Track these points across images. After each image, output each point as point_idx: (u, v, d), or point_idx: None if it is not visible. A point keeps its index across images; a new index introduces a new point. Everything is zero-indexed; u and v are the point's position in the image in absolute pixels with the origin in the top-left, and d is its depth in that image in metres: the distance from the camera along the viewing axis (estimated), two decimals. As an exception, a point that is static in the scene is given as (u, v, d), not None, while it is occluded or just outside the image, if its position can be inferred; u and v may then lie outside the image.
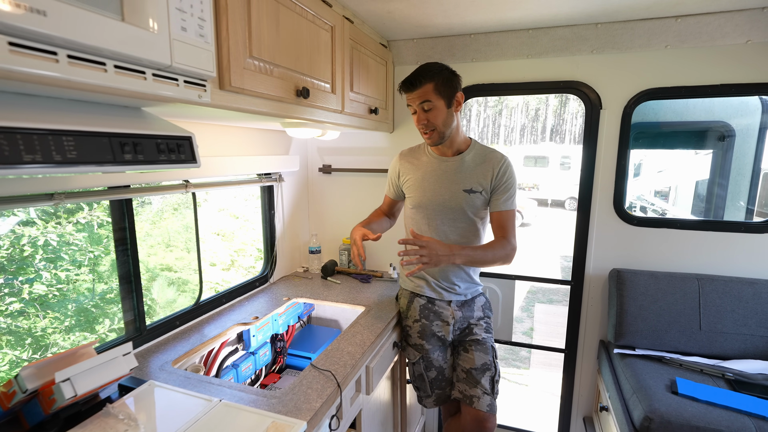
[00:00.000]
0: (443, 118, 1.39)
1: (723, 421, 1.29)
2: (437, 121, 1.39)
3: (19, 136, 0.60)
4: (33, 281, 2.02)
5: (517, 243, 1.46)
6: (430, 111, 1.38)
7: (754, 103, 2.37)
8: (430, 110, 1.38)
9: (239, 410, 0.96)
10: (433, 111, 1.38)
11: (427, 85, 1.36)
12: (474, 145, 1.53)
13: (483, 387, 1.47)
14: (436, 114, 1.38)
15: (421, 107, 1.38)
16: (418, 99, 1.38)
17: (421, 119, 1.40)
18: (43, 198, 1.03)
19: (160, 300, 2.88)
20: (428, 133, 1.42)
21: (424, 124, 1.40)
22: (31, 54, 0.56)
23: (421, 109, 1.39)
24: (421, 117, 1.40)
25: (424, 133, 1.43)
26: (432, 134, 1.42)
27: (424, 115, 1.39)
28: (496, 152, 1.51)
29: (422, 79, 1.36)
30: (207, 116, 1.26)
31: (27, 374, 0.85)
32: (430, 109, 1.38)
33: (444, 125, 1.40)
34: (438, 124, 1.39)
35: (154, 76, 0.74)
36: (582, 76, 1.80)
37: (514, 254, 1.45)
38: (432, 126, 1.40)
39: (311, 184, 2.29)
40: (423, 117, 1.39)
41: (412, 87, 1.38)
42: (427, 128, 1.41)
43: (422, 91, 1.36)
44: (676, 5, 1.48)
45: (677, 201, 5.54)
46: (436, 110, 1.38)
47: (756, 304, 1.64)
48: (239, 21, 0.95)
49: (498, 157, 1.49)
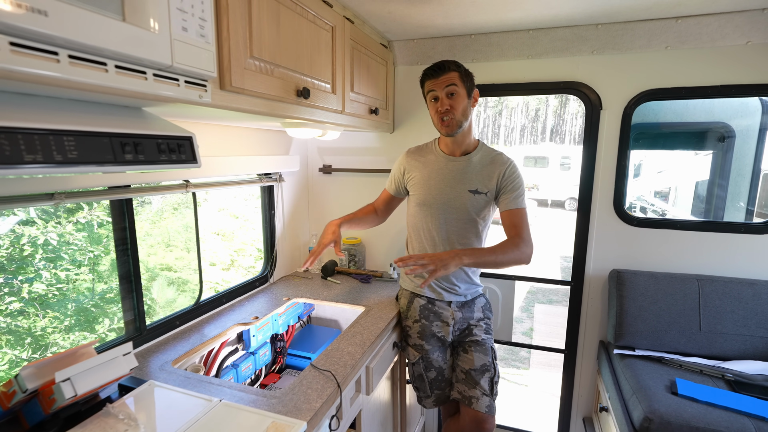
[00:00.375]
0: (464, 107, 1.41)
1: (723, 422, 1.29)
2: (458, 108, 1.40)
3: (20, 136, 0.60)
4: (33, 281, 2.02)
5: (532, 242, 1.42)
6: (453, 97, 1.39)
7: (754, 104, 2.37)
8: (454, 96, 1.39)
9: (239, 410, 0.96)
10: (456, 98, 1.39)
11: (454, 72, 1.39)
12: (481, 146, 1.53)
13: (482, 388, 1.47)
14: (458, 101, 1.40)
15: (446, 92, 1.39)
16: (444, 83, 1.39)
17: (444, 104, 1.40)
18: (43, 198, 1.03)
19: (159, 300, 2.88)
20: (446, 121, 1.41)
21: (446, 110, 1.40)
22: (32, 54, 0.56)
23: (446, 95, 1.39)
24: (444, 102, 1.40)
25: (442, 120, 1.41)
26: (451, 122, 1.41)
27: (448, 101, 1.39)
28: (502, 155, 1.52)
29: (449, 65, 1.39)
30: (208, 116, 1.26)
31: (27, 374, 0.85)
32: (453, 94, 1.39)
33: (463, 115, 1.41)
34: (458, 111, 1.40)
35: (155, 76, 0.74)
36: (582, 77, 1.80)
37: (531, 253, 1.40)
38: (452, 113, 1.40)
39: (311, 184, 2.29)
40: (447, 102, 1.39)
41: (441, 71, 1.39)
42: (447, 114, 1.40)
43: (449, 76, 1.39)
44: (677, 6, 1.49)
45: (677, 202, 5.54)
46: (459, 97, 1.39)
47: (756, 305, 1.64)
48: (240, 21, 0.95)
49: (504, 159, 1.50)
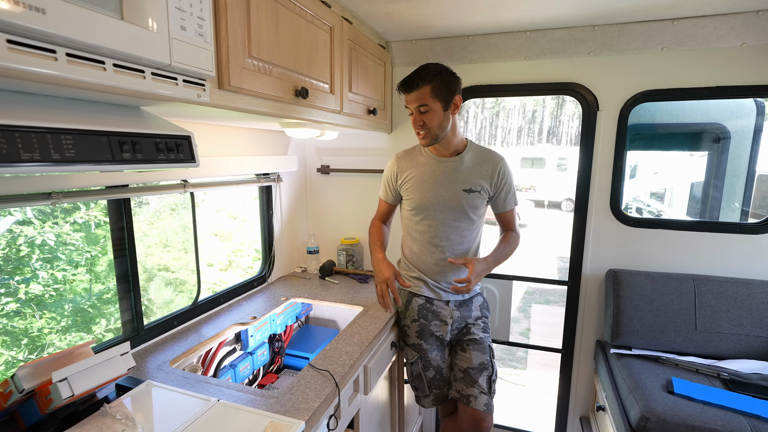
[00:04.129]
0: (439, 120, 1.39)
1: (718, 421, 1.30)
2: (432, 123, 1.39)
3: (17, 135, 0.60)
4: (29, 281, 2.01)
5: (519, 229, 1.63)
6: (426, 113, 1.38)
7: (749, 106, 2.39)
8: (426, 113, 1.38)
9: (237, 410, 0.96)
10: (429, 114, 1.38)
11: (425, 87, 1.36)
12: (471, 145, 1.54)
13: (480, 386, 1.47)
14: (432, 116, 1.39)
15: (417, 110, 1.39)
16: (415, 102, 1.38)
17: (417, 121, 1.41)
18: (40, 197, 1.02)
19: (157, 300, 2.87)
20: (423, 133, 1.43)
21: (420, 125, 1.41)
22: (29, 52, 0.56)
23: (417, 111, 1.40)
24: (417, 119, 1.41)
25: (418, 133, 1.44)
26: (426, 135, 1.42)
27: (420, 117, 1.40)
28: (492, 152, 1.53)
29: (420, 81, 1.36)
30: (206, 116, 1.26)
31: (24, 374, 0.84)
32: (426, 112, 1.38)
33: (439, 128, 1.41)
34: (433, 126, 1.40)
35: (153, 75, 0.74)
36: (579, 78, 1.81)
37: (520, 239, 1.63)
38: (427, 128, 1.40)
39: (309, 184, 2.29)
40: (419, 119, 1.40)
41: (409, 89, 1.38)
42: (422, 129, 1.41)
43: (419, 93, 1.36)
44: (672, 8, 1.50)
45: (672, 202, 5.57)
46: (432, 113, 1.38)
47: (751, 305, 1.65)
48: (238, 20, 0.95)
49: (496, 157, 1.52)
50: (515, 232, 1.59)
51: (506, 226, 1.60)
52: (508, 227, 1.60)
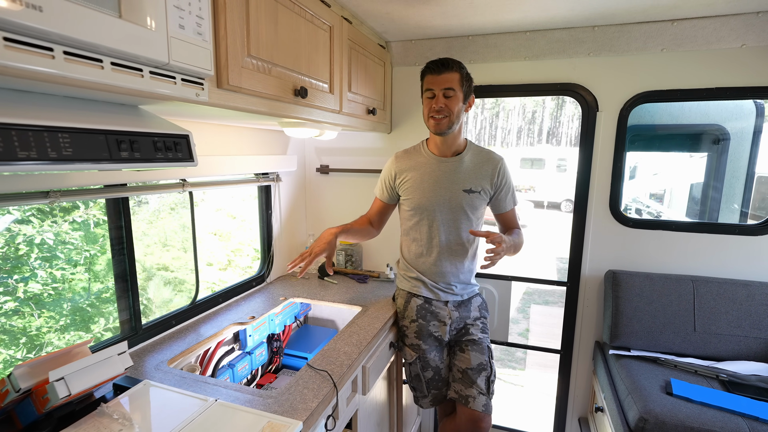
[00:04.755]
0: (458, 109, 1.41)
1: (717, 422, 1.30)
2: (453, 108, 1.40)
3: (14, 133, 0.60)
4: (28, 280, 2.01)
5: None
6: (450, 98, 1.39)
7: (749, 107, 2.39)
8: (451, 97, 1.39)
9: (235, 410, 0.96)
10: (453, 99, 1.39)
11: (456, 73, 1.39)
12: (470, 145, 1.54)
13: (479, 387, 1.47)
14: (454, 102, 1.39)
15: (443, 92, 1.39)
16: (444, 84, 1.38)
17: (440, 102, 1.39)
18: (38, 196, 1.02)
19: (156, 300, 2.87)
20: (439, 118, 1.40)
21: (441, 108, 1.39)
22: (26, 50, 0.55)
23: (443, 94, 1.39)
24: (440, 100, 1.39)
25: (434, 118, 1.41)
26: (443, 120, 1.40)
27: (444, 100, 1.39)
28: (492, 153, 1.54)
29: (453, 65, 1.39)
30: (205, 115, 1.26)
31: (20, 373, 0.84)
32: (451, 96, 1.39)
33: (456, 116, 1.41)
34: (453, 112, 1.40)
35: (152, 74, 0.73)
36: (579, 79, 1.81)
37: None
38: (447, 112, 1.39)
39: (308, 184, 2.29)
40: (442, 101, 1.39)
41: (444, 68, 1.38)
42: (440, 113, 1.40)
43: (450, 76, 1.38)
44: (673, 9, 1.50)
45: (672, 203, 5.57)
46: (455, 99, 1.39)
47: (750, 306, 1.65)
48: (237, 19, 0.95)
49: (496, 158, 1.52)
50: (520, 230, 1.57)
51: (508, 225, 1.58)
52: (509, 226, 1.58)
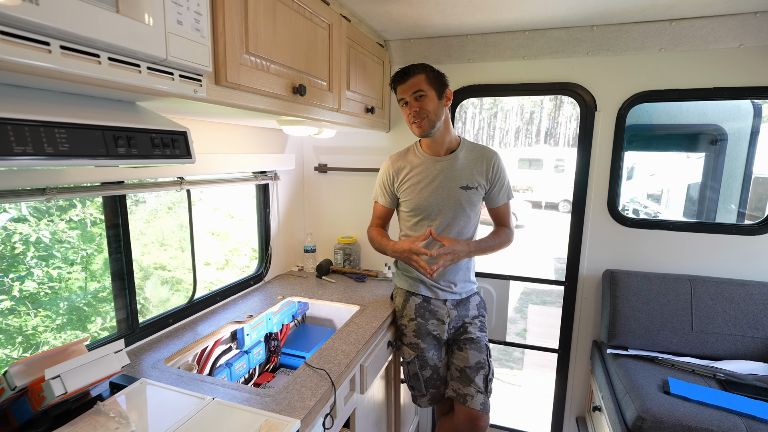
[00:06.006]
0: (434, 107, 1.42)
1: (714, 421, 1.30)
2: (428, 108, 1.41)
3: (10, 127, 0.60)
4: (24, 279, 2.00)
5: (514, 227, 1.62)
6: (422, 99, 1.40)
7: (746, 107, 2.40)
8: (422, 98, 1.40)
9: (232, 408, 0.95)
10: (425, 99, 1.40)
11: (420, 75, 1.41)
12: (464, 142, 1.55)
13: (477, 385, 1.47)
14: (427, 101, 1.41)
15: (414, 96, 1.40)
16: (411, 89, 1.40)
17: (413, 107, 1.41)
18: (34, 193, 1.01)
19: (153, 299, 2.86)
20: (418, 122, 1.42)
21: (416, 112, 1.41)
22: (23, 44, 0.55)
23: (414, 99, 1.41)
24: (413, 105, 1.42)
25: (413, 122, 1.43)
26: (423, 122, 1.42)
27: (417, 103, 1.41)
28: (486, 148, 1.54)
29: (415, 70, 1.41)
30: (202, 112, 1.25)
31: (16, 371, 0.83)
32: (422, 97, 1.40)
33: (435, 114, 1.42)
34: (429, 111, 1.41)
35: (149, 70, 0.73)
36: (577, 78, 1.81)
37: (513, 237, 1.60)
38: (424, 113, 1.41)
39: (307, 182, 2.28)
40: (415, 105, 1.41)
41: (406, 76, 1.41)
42: (418, 116, 1.41)
43: (415, 80, 1.40)
44: (671, 9, 1.50)
45: (669, 203, 5.59)
46: (427, 98, 1.41)
47: (747, 306, 1.65)
48: (236, 16, 0.94)
49: (490, 153, 1.53)
50: (508, 229, 1.58)
51: (500, 221, 1.59)
52: (501, 223, 1.59)
